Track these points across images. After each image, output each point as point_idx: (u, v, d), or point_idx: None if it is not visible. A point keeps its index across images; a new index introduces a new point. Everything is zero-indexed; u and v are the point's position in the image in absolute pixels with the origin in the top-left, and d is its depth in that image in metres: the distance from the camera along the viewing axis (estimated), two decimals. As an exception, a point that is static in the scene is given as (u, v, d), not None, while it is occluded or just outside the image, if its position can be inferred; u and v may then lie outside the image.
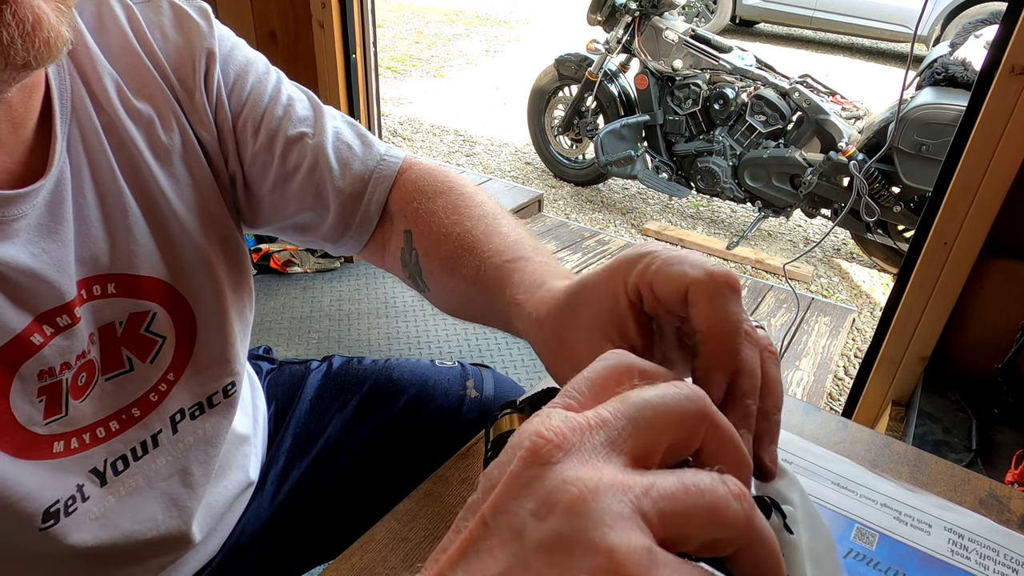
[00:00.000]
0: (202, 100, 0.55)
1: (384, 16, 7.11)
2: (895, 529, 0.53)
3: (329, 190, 0.59)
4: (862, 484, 0.57)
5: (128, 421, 0.55)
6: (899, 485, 0.57)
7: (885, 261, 2.87)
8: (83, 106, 0.49)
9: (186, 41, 0.54)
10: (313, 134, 0.59)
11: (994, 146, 1.23)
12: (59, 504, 0.50)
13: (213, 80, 0.55)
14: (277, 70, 0.61)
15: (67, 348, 0.48)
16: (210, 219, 0.57)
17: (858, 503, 0.55)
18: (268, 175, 0.59)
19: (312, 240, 0.64)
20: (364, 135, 0.63)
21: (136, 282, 0.52)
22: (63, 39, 0.39)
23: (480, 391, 0.77)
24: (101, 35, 0.51)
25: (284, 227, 0.63)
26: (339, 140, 0.60)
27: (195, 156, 0.55)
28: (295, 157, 0.58)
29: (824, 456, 0.59)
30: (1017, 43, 1.16)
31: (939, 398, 1.42)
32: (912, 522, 0.54)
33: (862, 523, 0.54)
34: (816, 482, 0.56)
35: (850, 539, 0.52)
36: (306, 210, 0.60)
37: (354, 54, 2.11)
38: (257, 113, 0.57)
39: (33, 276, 0.45)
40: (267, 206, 0.61)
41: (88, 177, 0.49)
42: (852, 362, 2.31)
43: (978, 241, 1.32)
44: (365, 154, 0.61)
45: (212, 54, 0.55)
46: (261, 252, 2.39)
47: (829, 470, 0.58)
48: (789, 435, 0.61)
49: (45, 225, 0.46)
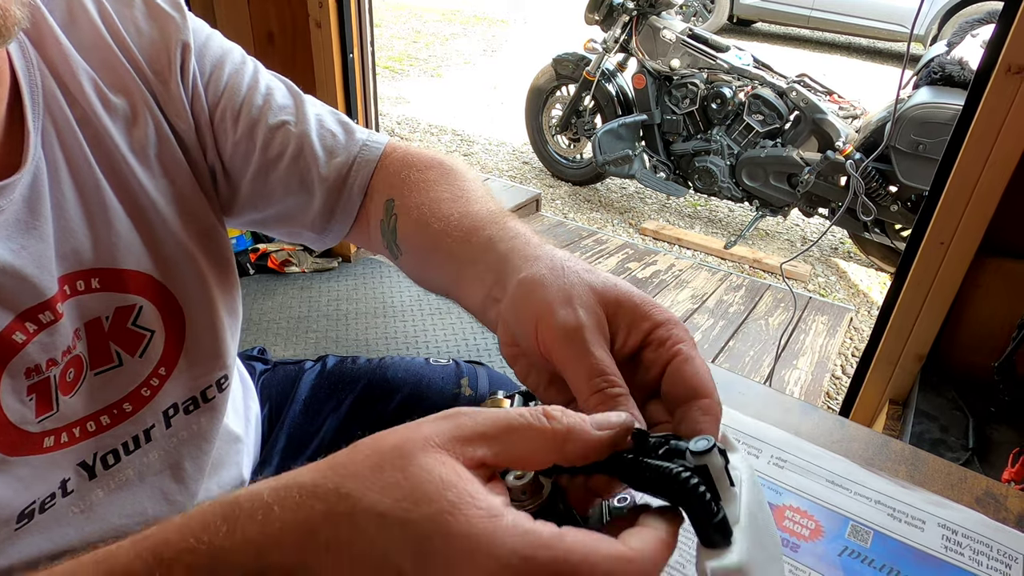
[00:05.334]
0: (178, 91, 0.54)
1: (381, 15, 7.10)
2: (889, 526, 0.53)
3: (315, 177, 0.59)
4: (856, 481, 0.57)
5: (119, 416, 0.54)
6: (893, 482, 0.57)
7: (882, 260, 2.87)
8: (55, 101, 0.48)
9: (160, 34, 0.54)
10: (295, 122, 0.59)
11: (991, 145, 1.23)
12: (35, 504, 0.49)
13: (189, 72, 0.55)
14: (254, 60, 0.61)
15: (51, 344, 0.48)
16: (190, 212, 0.56)
17: (852, 500, 0.55)
18: (250, 164, 0.58)
19: (295, 230, 0.63)
20: (345, 122, 0.62)
21: (120, 276, 0.52)
22: (13, 18, 0.38)
23: (475, 389, 0.76)
24: (73, 31, 0.50)
25: (267, 217, 0.63)
26: (322, 127, 0.60)
27: (171, 150, 0.55)
28: (277, 145, 0.58)
29: (818, 454, 0.59)
30: (1013, 42, 1.16)
31: (936, 397, 1.42)
32: (906, 519, 0.54)
33: (857, 520, 0.54)
34: (810, 480, 0.56)
35: (845, 536, 0.52)
36: (290, 197, 0.60)
37: (351, 53, 2.11)
38: (236, 103, 0.57)
39: (12, 273, 0.45)
40: (249, 195, 0.60)
41: (65, 172, 0.49)
42: (850, 361, 2.31)
43: (975, 240, 1.32)
44: (348, 141, 0.61)
45: (187, 46, 0.55)
46: (259, 252, 2.39)
47: (823, 467, 0.58)
48: (783, 433, 0.61)
49: (23, 221, 0.46)
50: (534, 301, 0.39)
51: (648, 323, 0.38)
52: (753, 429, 0.61)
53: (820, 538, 0.52)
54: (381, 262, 2.49)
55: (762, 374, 2.13)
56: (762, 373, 2.14)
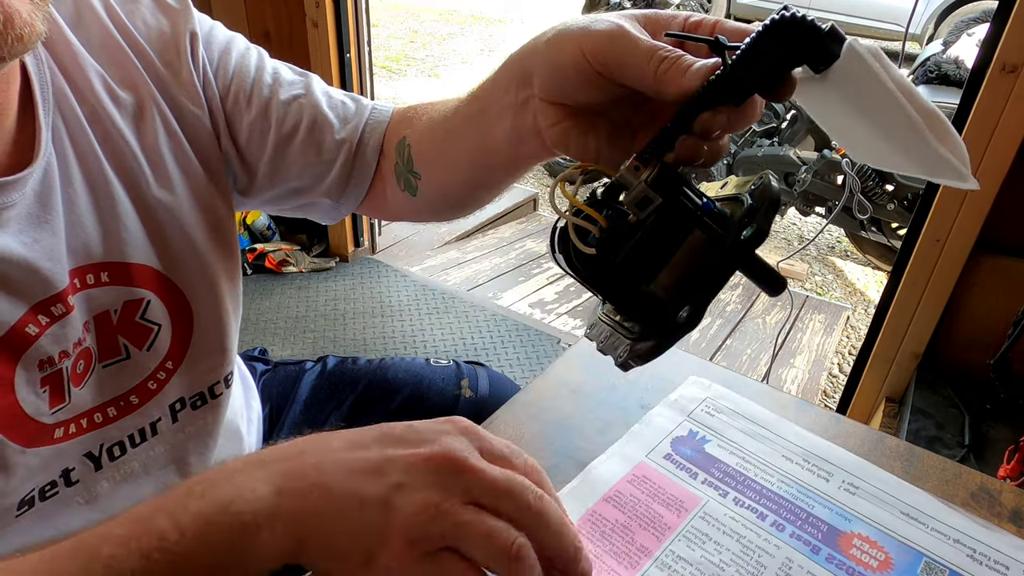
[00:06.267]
0: (191, 78, 0.56)
1: (379, 15, 7.09)
2: (968, 568, 0.49)
3: (331, 144, 0.60)
4: (932, 516, 0.53)
5: (126, 408, 0.55)
6: (974, 520, 0.52)
7: (879, 258, 2.88)
8: (65, 98, 0.49)
9: (168, 26, 0.55)
10: (305, 94, 0.60)
11: (985, 143, 1.23)
12: (35, 491, 0.50)
13: (199, 59, 0.56)
14: (258, 47, 0.62)
15: (63, 336, 0.49)
16: (200, 206, 0.57)
17: (928, 536, 0.51)
18: (267, 142, 0.59)
19: (312, 200, 0.64)
20: (351, 94, 0.64)
21: (128, 270, 0.53)
22: (37, 32, 0.39)
23: (475, 390, 0.77)
24: (80, 29, 0.51)
25: (282, 193, 0.63)
26: (331, 98, 0.62)
27: (180, 144, 0.56)
28: (292, 118, 0.59)
29: (893, 483, 0.56)
30: (1008, 41, 1.17)
31: (932, 394, 1.42)
32: (987, 562, 0.49)
33: (931, 557, 0.50)
34: (883, 509, 0.53)
35: (917, 572, 0.49)
36: (308, 169, 0.61)
37: (348, 53, 2.11)
38: (247, 85, 0.58)
39: (26, 266, 0.46)
40: (268, 173, 0.61)
41: (76, 167, 0.50)
42: (846, 359, 2.32)
43: (970, 238, 1.32)
44: (358, 107, 0.63)
45: (195, 34, 0.56)
46: (256, 252, 2.39)
47: (899, 498, 0.54)
48: (857, 459, 0.57)
49: (35, 215, 0.47)
50: (572, 38, 0.39)
51: (678, 19, 0.39)
52: (825, 451, 0.58)
53: (889, 571, 0.49)
54: (379, 262, 2.50)
55: (759, 372, 2.14)
56: (759, 372, 2.15)
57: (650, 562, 0.48)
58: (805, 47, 0.31)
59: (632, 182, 0.34)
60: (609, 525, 0.51)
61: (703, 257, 0.34)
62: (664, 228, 0.34)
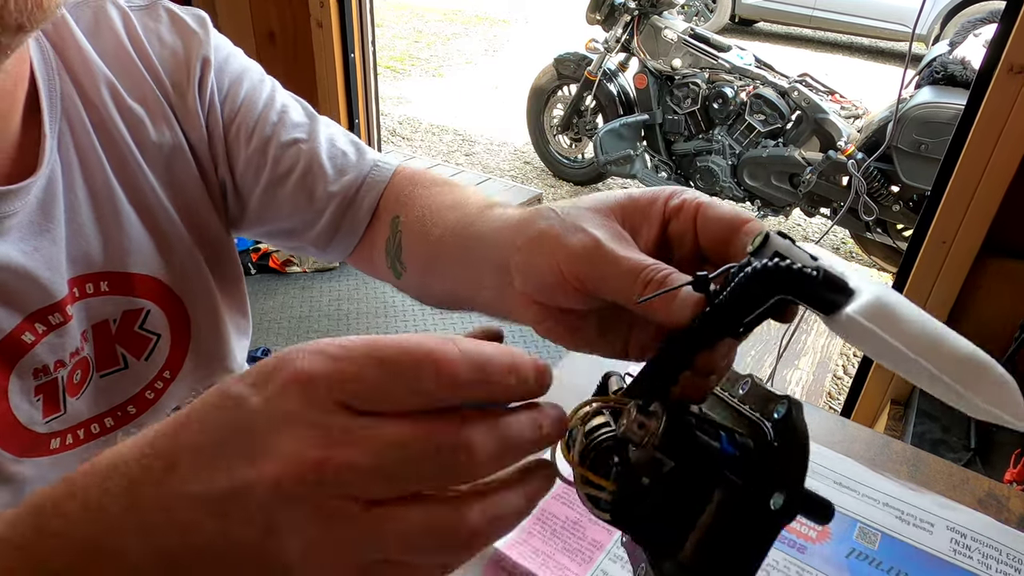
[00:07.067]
0: (195, 104, 0.55)
1: (383, 15, 7.10)
2: (897, 528, 0.53)
3: (322, 194, 0.59)
4: (863, 483, 0.56)
5: (123, 418, 0.55)
6: (901, 484, 0.56)
7: (884, 260, 2.86)
8: (73, 105, 0.49)
9: (182, 48, 0.55)
10: (307, 139, 0.59)
11: (993, 145, 1.23)
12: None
13: (207, 86, 0.56)
14: (272, 80, 0.62)
15: (59, 345, 0.48)
16: (199, 221, 0.57)
17: (859, 502, 0.55)
18: (260, 179, 0.59)
19: (300, 246, 0.64)
20: (358, 143, 0.63)
21: (129, 280, 0.53)
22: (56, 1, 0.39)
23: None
24: (96, 39, 0.52)
25: (273, 231, 0.63)
26: (333, 147, 0.60)
27: (184, 160, 0.56)
28: (288, 161, 0.58)
29: (824, 454, 0.59)
30: (1016, 42, 1.16)
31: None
32: (915, 521, 0.53)
33: (864, 522, 0.53)
34: (817, 480, 0.56)
35: (852, 538, 0.52)
36: (297, 214, 0.60)
37: (353, 53, 2.11)
38: (251, 119, 0.58)
39: (24, 275, 0.45)
40: (257, 209, 0.61)
41: (79, 175, 0.49)
42: (851, 361, 2.31)
43: (977, 240, 1.32)
44: (359, 160, 0.61)
45: (207, 61, 0.56)
46: (260, 252, 2.39)
47: (830, 469, 0.58)
48: None
49: (36, 223, 0.46)
50: (546, 250, 0.36)
51: (658, 203, 0.37)
52: None
53: (827, 540, 0.52)
54: (383, 262, 2.50)
55: (764, 374, 2.13)
56: (764, 373, 2.14)
57: (603, 555, 0.50)
58: (799, 296, 0.29)
59: (637, 438, 0.28)
60: (560, 522, 0.52)
61: (731, 520, 0.28)
62: (681, 489, 0.29)
